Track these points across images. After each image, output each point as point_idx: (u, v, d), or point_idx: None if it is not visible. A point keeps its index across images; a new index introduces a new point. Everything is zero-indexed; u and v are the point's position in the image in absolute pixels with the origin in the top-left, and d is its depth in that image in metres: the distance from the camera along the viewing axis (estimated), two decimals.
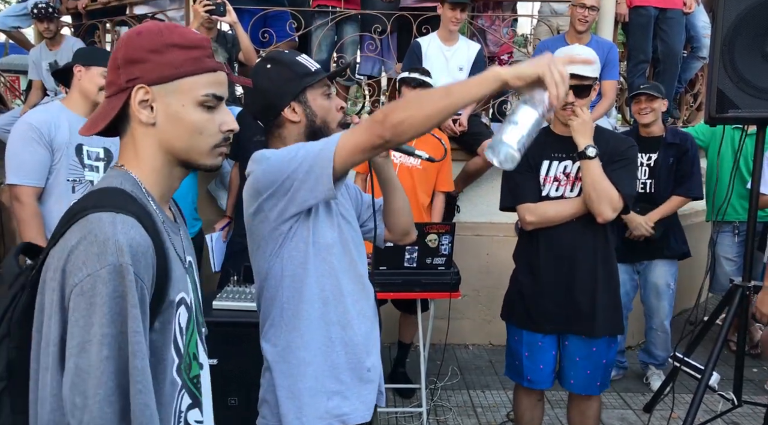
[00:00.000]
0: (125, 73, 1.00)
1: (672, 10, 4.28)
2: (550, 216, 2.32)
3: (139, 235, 0.94)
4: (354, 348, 1.53)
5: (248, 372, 2.44)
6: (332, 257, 1.50)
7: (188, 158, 1.04)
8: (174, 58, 1.00)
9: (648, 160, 3.39)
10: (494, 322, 4.10)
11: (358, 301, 1.56)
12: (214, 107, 1.03)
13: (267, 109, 1.55)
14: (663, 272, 3.46)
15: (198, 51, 1.01)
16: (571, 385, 2.41)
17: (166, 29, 1.02)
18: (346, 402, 1.53)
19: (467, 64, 3.87)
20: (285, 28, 4.29)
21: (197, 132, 1.02)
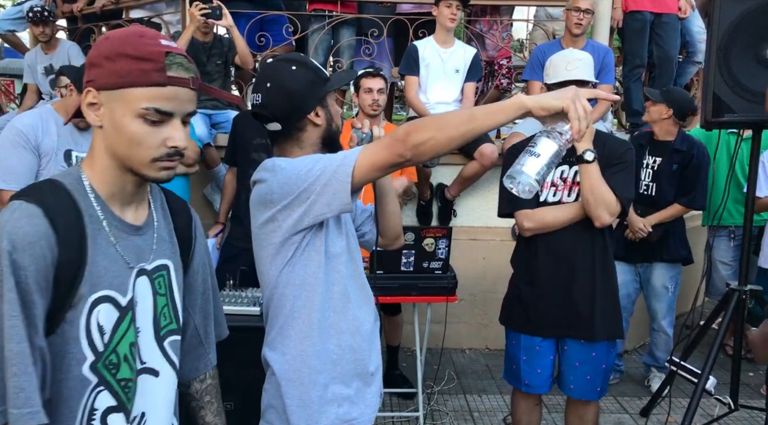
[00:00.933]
0: (87, 74, 1.04)
1: (667, 15, 4.30)
2: (547, 222, 2.32)
3: (31, 225, 0.95)
4: (361, 353, 1.54)
5: (245, 377, 2.42)
6: (341, 265, 1.50)
7: (130, 165, 1.04)
8: (121, 68, 1.00)
9: (653, 163, 3.39)
10: (491, 326, 4.10)
11: (362, 306, 1.57)
12: (158, 121, 1.02)
13: (293, 111, 1.51)
14: (661, 275, 3.46)
15: (149, 64, 1.00)
16: (570, 390, 2.40)
17: (129, 38, 1.03)
18: (355, 407, 1.54)
19: (464, 67, 3.87)
20: (281, 32, 4.29)
21: (135, 143, 1.02)
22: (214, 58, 3.86)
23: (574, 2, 3.72)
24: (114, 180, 1.06)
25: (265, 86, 1.49)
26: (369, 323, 1.58)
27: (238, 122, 3.36)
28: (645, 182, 3.41)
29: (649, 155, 3.40)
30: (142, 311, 1.10)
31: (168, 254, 1.16)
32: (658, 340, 3.59)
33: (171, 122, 1.03)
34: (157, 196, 1.19)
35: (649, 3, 4.27)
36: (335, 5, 4.31)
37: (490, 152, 3.73)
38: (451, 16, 3.73)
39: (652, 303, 3.54)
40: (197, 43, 3.77)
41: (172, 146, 1.03)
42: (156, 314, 1.13)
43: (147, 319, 1.11)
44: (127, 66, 1.00)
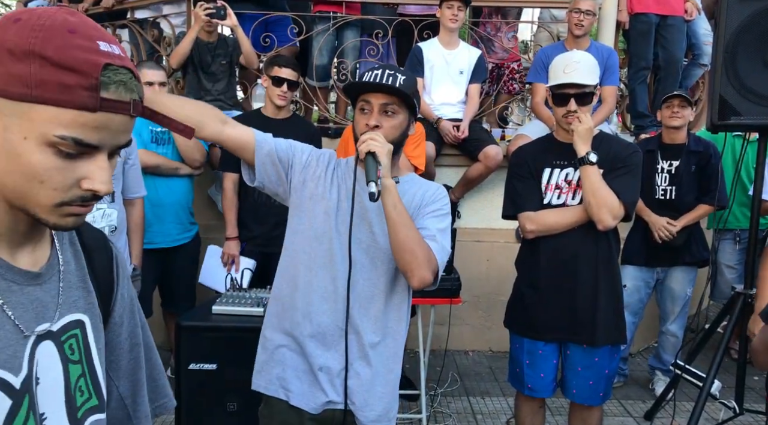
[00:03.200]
0: None
1: (673, 17, 4.28)
2: (550, 225, 2.31)
3: None
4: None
5: (247, 377, 2.43)
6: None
7: (23, 205, 0.74)
8: (32, 74, 0.68)
9: (669, 166, 3.38)
10: (494, 328, 4.09)
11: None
12: (74, 155, 0.72)
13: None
14: (682, 278, 3.46)
15: (75, 77, 0.69)
16: (573, 395, 2.39)
17: (53, 31, 0.70)
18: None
19: (468, 69, 3.87)
20: (286, 33, 4.29)
21: (35, 179, 0.71)
22: (218, 58, 3.86)
23: (575, 3, 3.73)
24: (9, 216, 0.76)
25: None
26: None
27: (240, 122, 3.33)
28: (662, 186, 3.39)
29: (663, 159, 3.38)
30: (46, 391, 0.79)
31: (81, 306, 0.86)
32: (666, 343, 3.58)
33: (94, 156, 0.74)
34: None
35: (655, 5, 4.26)
36: (340, 6, 4.31)
37: (495, 154, 3.72)
38: (452, 17, 3.73)
39: (667, 306, 3.53)
40: (202, 43, 3.78)
41: (89, 189, 0.74)
42: (69, 389, 0.82)
43: (56, 399, 0.80)
44: (42, 74, 0.68)
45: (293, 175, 1.72)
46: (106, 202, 2.50)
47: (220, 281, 3.13)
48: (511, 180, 2.43)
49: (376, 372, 1.71)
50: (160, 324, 3.75)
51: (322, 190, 1.71)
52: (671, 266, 3.46)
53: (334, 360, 1.68)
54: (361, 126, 1.64)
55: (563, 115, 2.26)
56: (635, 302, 3.49)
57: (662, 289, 3.53)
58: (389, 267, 1.69)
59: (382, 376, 1.72)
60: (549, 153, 2.36)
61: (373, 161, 1.54)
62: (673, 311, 3.51)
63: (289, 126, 3.26)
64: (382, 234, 1.65)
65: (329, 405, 1.70)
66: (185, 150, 3.25)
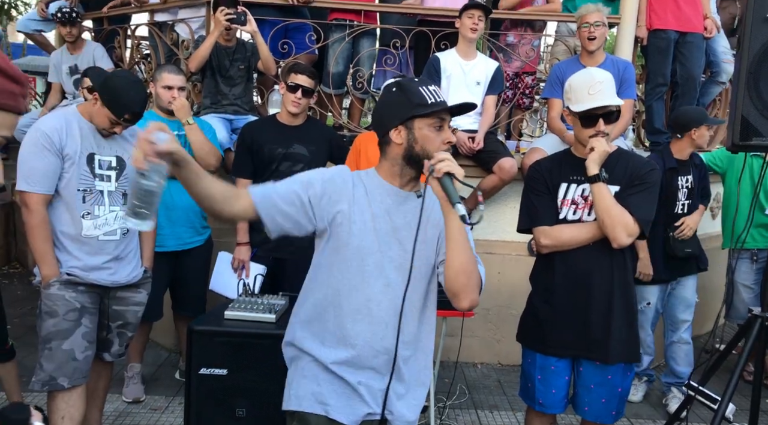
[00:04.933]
0: None
1: (692, 34, 4.26)
2: (564, 240, 2.29)
3: None
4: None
5: (257, 383, 2.42)
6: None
7: None
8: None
9: (686, 183, 3.51)
10: (504, 342, 4.07)
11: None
12: None
13: (378, 125, 1.71)
14: (692, 285, 3.60)
15: (16, 86, 0.88)
16: (585, 412, 2.37)
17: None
18: None
19: (485, 80, 3.87)
20: (305, 40, 4.31)
21: None
22: (236, 63, 3.88)
23: (583, 18, 3.67)
24: None
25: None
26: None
27: (251, 131, 3.27)
28: (682, 201, 3.51)
29: (681, 175, 3.50)
30: None
31: None
32: (678, 352, 3.59)
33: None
34: None
35: (674, 22, 4.24)
36: (357, 15, 4.33)
37: (510, 166, 3.71)
38: (472, 26, 3.73)
39: (679, 315, 3.58)
40: (220, 47, 3.80)
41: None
42: None
43: None
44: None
45: (315, 210, 1.69)
46: (119, 204, 2.50)
47: (231, 288, 3.13)
48: (528, 194, 2.42)
49: (409, 385, 1.75)
50: (170, 326, 3.76)
51: (349, 210, 1.69)
52: (685, 276, 3.56)
53: (372, 378, 1.71)
54: (437, 144, 1.64)
55: (591, 136, 2.25)
56: (655, 315, 3.60)
57: (674, 299, 3.59)
58: (422, 284, 1.72)
59: (414, 389, 1.77)
60: (566, 168, 2.35)
61: (451, 182, 1.55)
62: (686, 319, 3.58)
63: (304, 131, 3.27)
64: (415, 252, 1.64)
65: (368, 417, 1.72)
66: (200, 154, 3.26)
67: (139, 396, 3.39)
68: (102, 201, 2.46)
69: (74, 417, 2.45)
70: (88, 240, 2.43)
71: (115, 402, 3.32)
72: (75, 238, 2.42)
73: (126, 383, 3.42)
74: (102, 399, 2.81)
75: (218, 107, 3.89)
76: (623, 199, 2.21)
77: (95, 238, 2.44)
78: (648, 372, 3.80)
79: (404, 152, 1.66)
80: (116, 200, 2.50)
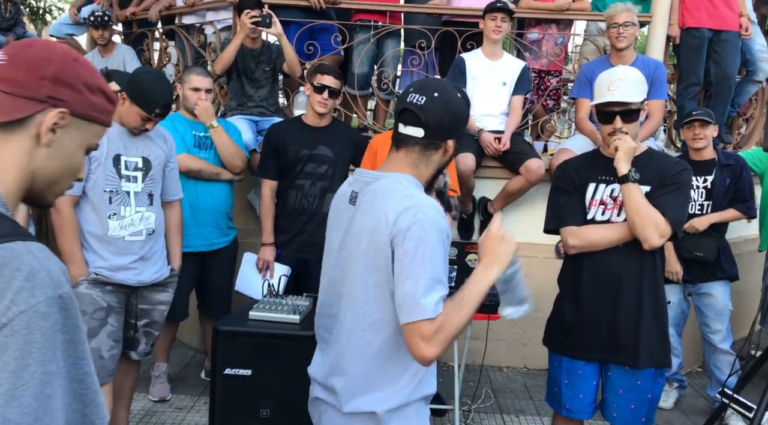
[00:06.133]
0: (51, 89, 0.96)
1: (727, 32, 4.14)
2: (593, 241, 2.25)
3: (58, 260, 0.89)
4: None
5: (281, 384, 2.42)
6: None
7: (42, 191, 1.00)
8: (99, 103, 1.03)
9: (704, 183, 3.42)
10: (530, 345, 4.01)
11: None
12: (87, 155, 1.07)
13: (445, 128, 1.54)
14: (723, 293, 3.47)
15: (111, 107, 1.06)
16: (614, 418, 2.31)
17: (95, 72, 1.04)
18: None
19: (511, 80, 3.82)
20: (330, 42, 4.31)
21: (72, 172, 1.03)
22: (262, 65, 3.90)
23: (612, 18, 3.58)
24: (17, 202, 0.98)
25: (432, 94, 1.51)
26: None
27: (276, 132, 3.28)
28: (699, 201, 3.42)
29: (696, 175, 3.39)
30: None
31: None
32: (722, 361, 3.50)
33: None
34: None
35: (708, 19, 4.12)
36: (382, 16, 4.31)
37: (537, 168, 3.65)
38: (495, 29, 3.70)
39: (714, 324, 3.49)
40: (246, 49, 3.82)
41: (79, 178, 1.08)
42: None
43: None
44: (102, 103, 1.03)
45: None
46: (144, 205, 2.53)
47: (256, 289, 3.14)
48: (555, 194, 2.38)
49: None
50: (195, 326, 3.79)
51: None
52: (706, 283, 3.46)
53: None
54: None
55: (609, 133, 2.21)
56: (678, 315, 3.53)
57: (704, 308, 3.50)
58: None
59: None
60: (594, 168, 2.31)
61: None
62: (721, 327, 3.48)
63: (329, 133, 3.27)
64: None
65: None
66: (226, 156, 3.28)
67: (165, 396, 3.43)
68: (128, 202, 2.49)
69: None
70: (115, 241, 2.46)
71: (141, 400, 3.36)
72: (101, 238, 2.45)
73: (152, 382, 3.45)
74: (129, 397, 2.84)
75: (244, 108, 3.91)
76: (654, 199, 2.16)
77: (121, 238, 2.47)
78: (679, 377, 3.71)
79: (444, 162, 1.60)
80: (142, 200, 2.53)
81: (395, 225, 1.43)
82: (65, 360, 0.85)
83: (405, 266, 1.41)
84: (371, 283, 1.49)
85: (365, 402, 1.51)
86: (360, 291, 1.51)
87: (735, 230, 3.86)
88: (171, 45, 4.92)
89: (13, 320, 0.80)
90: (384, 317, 1.49)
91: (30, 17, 13.46)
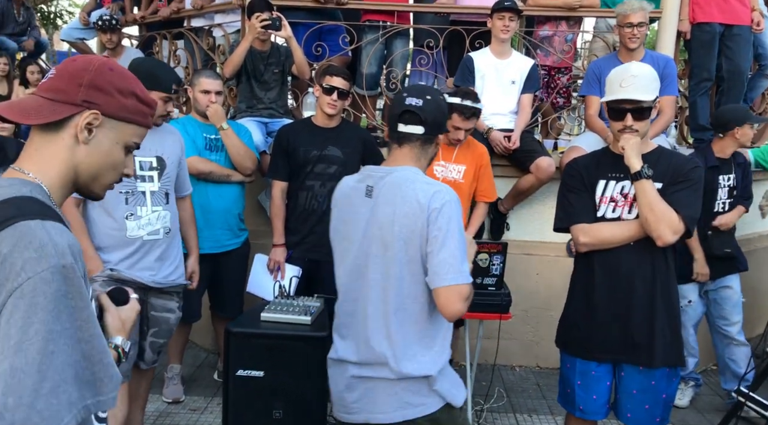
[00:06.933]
0: (86, 94, 1.12)
1: (739, 27, 4.09)
2: (605, 238, 2.22)
3: (73, 237, 1.03)
4: None
5: (294, 384, 2.43)
6: None
7: (87, 183, 1.17)
8: (132, 105, 1.17)
9: (728, 181, 3.45)
10: (542, 344, 3.99)
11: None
12: (130, 153, 1.21)
13: (437, 125, 1.83)
14: (738, 284, 3.50)
15: (148, 108, 1.21)
16: (628, 419, 2.29)
17: (133, 79, 1.19)
18: None
19: (520, 78, 3.80)
20: (338, 42, 4.32)
21: (112, 167, 1.18)
22: (271, 67, 3.91)
23: (625, 18, 3.54)
24: (64, 193, 1.16)
25: (426, 97, 1.80)
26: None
27: (286, 134, 3.29)
28: (723, 199, 3.45)
29: (723, 174, 3.44)
30: None
31: None
32: (738, 355, 3.48)
33: (130, 154, 1.22)
34: None
35: (719, 14, 4.08)
36: (390, 16, 4.31)
37: (547, 166, 3.64)
38: (503, 28, 3.68)
39: (732, 316, 3.48)
40: (255, 51, 3.83)
41: (126, 174, 1.23)
42: None
43: None
44: (134, 105, 1.17)
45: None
46: (161, 204, 2.55)
47: (268, 290, 3.15)
48: (564, 192, 2.37)
49: None
50: (209, 327, 3.81)
51: None
52: (725, 276, 3.47)
53: None
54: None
55: (619, 129, 2.19)
56: (699, 315, 3.53)
57: (721, 303, 3.50)
58: None
59: None
60: (604, 165, 2.29)
61: None
62: (738, 318, 3.48)
63: (338, 133, 3.27)
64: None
65: None
66: (237, 158, 3.29)
67: (178, 397, 3.45)
68: (144, 202, 2.51)
69: (117, 417, 2.50)
70: (133, 240, 2.48)
71: (155, 402, 3.38)
72: (120, 239, 2.46)
73: (166, 384, 3.48)
74: (144, 399, 2.86)
75: (254, 110, 3.93)
76: (667, 196, 2.14)
77: (140, 238, 2.49)
78: (694, 376, 3.68)
79: (434, 155, 1.90)
80: (159, 200, 2.55)
81: (429, 207, 1.67)
82: (71, 322, 0.96)
83: (440, 240, 1.66)
84: (405, 260, 1.71)
85: (417, 367, 1.73)
86: (396, 269, 1.72)
87: (749, 226, 3.83)
88: (180, 48, 4.94)
89: (22, 284, 0.93)
90: (419, 289, 1.72)
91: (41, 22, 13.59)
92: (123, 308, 1.25)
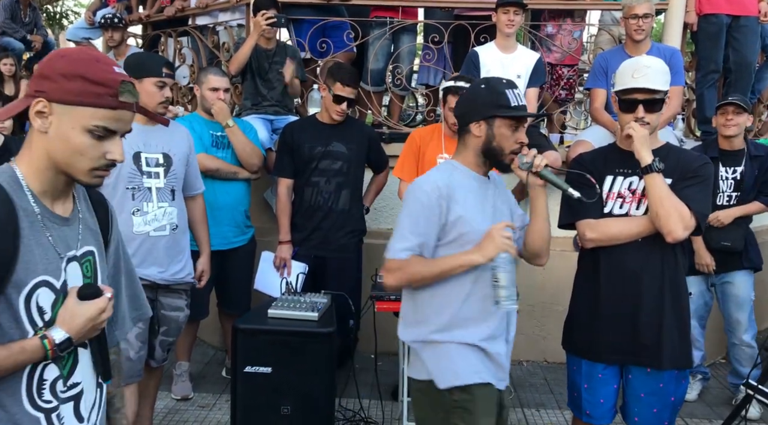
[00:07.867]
0: (36, 84, 1.17)
1: (746, 18, 4.06)
2: (612, 233, 2.17)
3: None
4: None
5: (301, 381, 2.44)
6: None
7: (67, 170, 1.20)
8: (77, 87, 1.15)
9: (733, 174, 3.36)
10: (549, 339, 3.99)
11: None
12: (103, 137, 1.18)
13: (461, 116, 1.95)
14: (745, 283, 3.42)
15: (102, 88, 1.17)
16: (635, 422, 2.23)
17: (83, 63, 1.17)
18: None
19: (525, 73, 3.78)
20: (342, 38, 4.31)
21: (78, 153, 1.18)
22: (276, 66, 3.91)
23: (631, 9, 3.51)
24: (48, 179, 1.22)
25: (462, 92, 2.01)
26: None
27: (291, 131, 3.30)
28: (727, 192, 3.36)
29: (725, 166, 3.34)
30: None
31: (92, 241, 1.33)
32: (741, 355, 3.46)
33: (113, 138, 1.21)
34: (80, 189, 1.34)
35: (726, 5, 4.04)
36: (396, 12, 4.30)
37: (553, 160, 3.61)
38: (508, 22, 3.67)
39: (735, 315, 3.44)
40: (260, 49, 3.83)
41: (111, 159, 1.21)
42: None
43: None
44: (82, 87, 1.16)
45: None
46: (167, 200, 2.56)
47: (274, 287, 3.16)
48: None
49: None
50: (216, 324, 3.83)
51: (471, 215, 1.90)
52: (729, 272, 3.41)
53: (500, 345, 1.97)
54: (511, 142, 1.89)
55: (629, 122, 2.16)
56: (700, 307, 3.48)
57: (725, 297, 3.46)
58: None
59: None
60: (611, 161, 2.25)
61: (550, 172, 1.92)
62: (742, 318, 3.42)
63: (343, 129, 3.27)
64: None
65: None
66: (243, 155, 3.30)
67: (187, 394, 3.47)
68: (150, 198, 2.52)
69: (127, 415, 2.52)
70: (139, 236, 2.49)
71: (164, 399, 3.40)
72: (125, 235, 2.47)
73: (174, 381, 3.50)
74: (153, 397, 2.88)
75: (259, 108, 3.93)
76: (677, 192, 2.08)
77: (146, 234, 2.50)
78: (702, 369, 3.67)
79: (482, 145, 1.90)
80: (164, 196, 2.56)
81: None
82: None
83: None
84: None
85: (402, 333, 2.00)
86: None
87: (759, 219, 3.79)
88: (185, 46, 4.95)
89: None
90: None
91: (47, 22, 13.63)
92: (85, 302, 1.21)
